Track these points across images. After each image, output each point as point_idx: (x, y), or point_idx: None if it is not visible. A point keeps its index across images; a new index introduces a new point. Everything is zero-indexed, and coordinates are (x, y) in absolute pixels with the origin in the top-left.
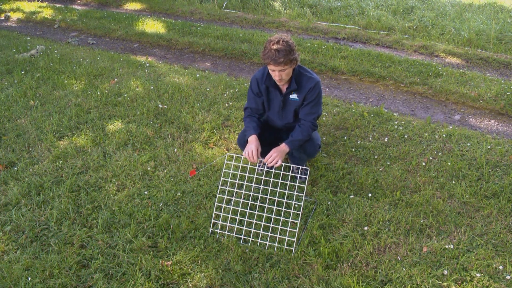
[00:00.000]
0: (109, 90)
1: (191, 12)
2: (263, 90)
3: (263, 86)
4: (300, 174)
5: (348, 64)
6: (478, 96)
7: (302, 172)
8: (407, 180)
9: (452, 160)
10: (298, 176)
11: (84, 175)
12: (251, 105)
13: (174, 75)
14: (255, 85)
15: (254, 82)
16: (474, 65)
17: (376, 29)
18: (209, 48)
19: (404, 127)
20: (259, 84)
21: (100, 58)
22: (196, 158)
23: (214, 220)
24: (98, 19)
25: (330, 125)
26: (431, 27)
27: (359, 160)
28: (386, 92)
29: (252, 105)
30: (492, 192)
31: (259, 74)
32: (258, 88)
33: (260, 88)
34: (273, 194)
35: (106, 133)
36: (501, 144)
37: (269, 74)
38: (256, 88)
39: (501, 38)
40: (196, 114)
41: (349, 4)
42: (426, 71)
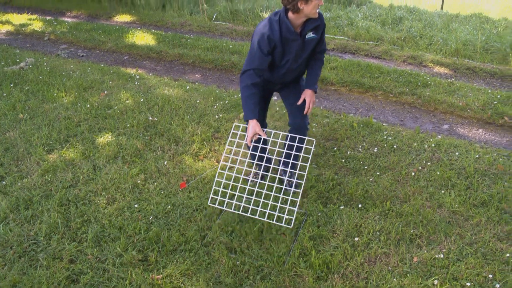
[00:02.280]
0: (99, 102)
1: (181, 24)
2: (278, 44)
3: (278, 40)
4: (291, 184)
5: (337, 75)
6: (466, 105)
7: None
8: (397, 190)
9: (441, 169)
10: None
11: (74, 189)
12: (256, 66)
13: (164, 87)
14: (266, 43)
15: (265, 41)
16: (462, 75)
17: (365, 39)
18: (199, 60)
19: (393, 137)
20: (271, 41)
21: (90, 71)
22: (186, 171)
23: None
24: (88, 31)
25: (320, 136)
26: (419, 37)
27: (349, 171)
28: (375, 102)
29: (256, 66)
30: (480, 201)
31: (267, 30)
32: (270, 45)
33: (275, 44)
34: (265, 206)
35: (96, 146)
36: (489, 153)
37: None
38: (268, 46)
39: (487, 48)
40: (186, 126)
41: (338, 15)
42: (415, 81)
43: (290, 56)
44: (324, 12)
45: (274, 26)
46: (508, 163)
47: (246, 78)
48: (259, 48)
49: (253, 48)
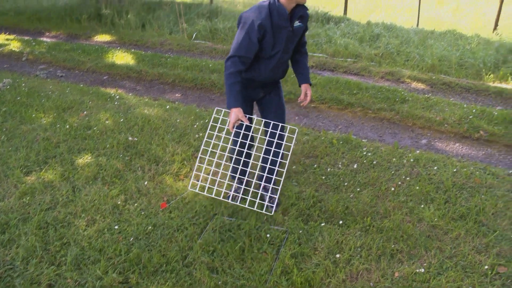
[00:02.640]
0: (78, 123)
1: (161, 43)
2: (269, 31)
3: (269, 27)
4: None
5: (316, 92)
6: (443, 120)
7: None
8: (377, 205)
9: (420, 184)
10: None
11: (53, 211)
12: (242, 54)
13: (144, 107)
14: (256, 30)
15: (255, 27)
16: (438, 90)
17: (344, 56)
18: (179, 79)
19: (372, 153)
20: (261, 28)
21: (69, 91)
22: (167, 191)
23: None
24: (67, 51)
25: (300, 153)
26: (396, 54)
27: (329, 188)
28: (354, 119)
29: (243, 54)
30: (459, 214)
31: (257, 15)
32: (260, 33)
33: (265, 31)
34: (245, 226)
35: (75, 167)
36: (466, 167)
37: (273, 10)
38: (257, 33)
39: (462, 64)
40: (167, 146)
41: (317, 33)
42: (393, 97)
43: (281, 47)
44: None
45: (264, 12)
46: (485, 176)
47: (231, 65)
48: (248, 34)
49: (240, 34)
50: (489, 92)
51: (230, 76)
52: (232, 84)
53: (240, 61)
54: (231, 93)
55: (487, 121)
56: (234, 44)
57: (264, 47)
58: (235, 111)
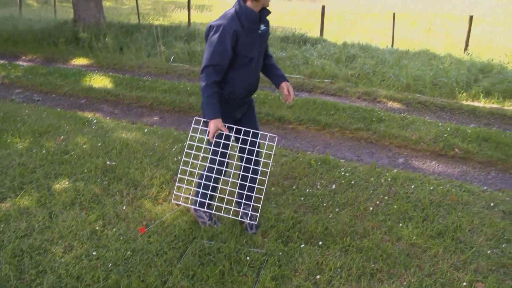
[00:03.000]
0: (55, 148)
1: (139, 66)
2: (241, 34)
3: (241, 31)
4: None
5: (294, 114)
6: (419, 139)
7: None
8: (356, 225)
9: (398, 203)
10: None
11: (28, 238)
12: (217, 62)
13: (122, 131)
14: (229, 35)
15: (228, 32)
16: (414, 109)
17: (321, 77)
18: (157, 102)
19: (350, 173)
20: (234, 33)
21: (46, 115)
22: (145, 215)
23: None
24: (44, 75)
25: (278, 175)
26: (372, 74)
27: (308, 209)
28: (332, 139)
29: (217, 62)
30: (437, 232)
31: (227, 22)
32: (232, 39)
33: (237, 37)
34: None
35: (52, 193)
36: (443, 185)
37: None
38: (231, 39)
39: (436, 83)
40: (145, 169)
41: (294, 54)
42: (370, 117)
43: (255, 51)
44: (279, 51)
45: (233, 18)
46: (461, 193)
47: (206, 77)
48: (220, 42)
49: (212, 43)
50: (463, 110)
51: (206, 88)
52: (209, 95)
53: (215, 71)
54: (209, 104)
55: (462, 139)
56: (207, 54)
57: (240, 52)
58: (214, 122)
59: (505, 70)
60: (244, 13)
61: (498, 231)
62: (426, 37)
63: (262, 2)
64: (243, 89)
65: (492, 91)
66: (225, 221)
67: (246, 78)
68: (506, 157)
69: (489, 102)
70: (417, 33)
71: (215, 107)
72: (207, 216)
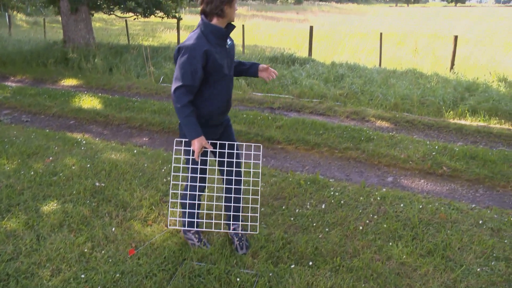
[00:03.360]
0: (43, 169)
1: (128, 87)
2: (211, 53)
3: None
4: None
5: (283, 134)
6: (407, 157)
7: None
8: (346, 245)
9: (387, 222)
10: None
11: (15, 262)
12: (189, 83)
13: (111, 152)
14: (199, 56)
15: (198, 53)
16: (402, 128)
17: (309, 97)
18: (146, 123)
19: (340, 193)
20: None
21: (35, 136)
22: (135, 237)
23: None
24: (33, 96)
25: (268, 195)
26: (360, 93)
27: (298, 229)
28: (321, 159)
29: (189, 83)
30: (427, 251)
31: (195, 42)
32: (203, 58)
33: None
34: (215, 270)
35: (40, 215)
36: (432, 203)
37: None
38: (201, 59)
39: (423, 102)
40: (134, 191)
41: (283, 74)
42: (358, 136)
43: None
44: None
45: (200, 37)
46: (449, 211)
47: (180, 98)
48: (191, 63)
49: (183, 64)
50: (450, 128)
51: (183, 108)
52: (187, 115)
53: (187, 91)
54: (189, 124)
55: (449, 157)
56: (178, 75)
57: (212, 70)
58: (198, 140)
59: (490, 88)
60: (210, 31)
61: (487, 249)
62: (413, 56)
63: (228, 18)
64: (220, 106)
65: (478, 109)
66: (215, 242)
67: (221, 95)
68: (493, 174)
69: (475, 120)
70: (404, 52)
71: (196, 126)
72: (196, 238)
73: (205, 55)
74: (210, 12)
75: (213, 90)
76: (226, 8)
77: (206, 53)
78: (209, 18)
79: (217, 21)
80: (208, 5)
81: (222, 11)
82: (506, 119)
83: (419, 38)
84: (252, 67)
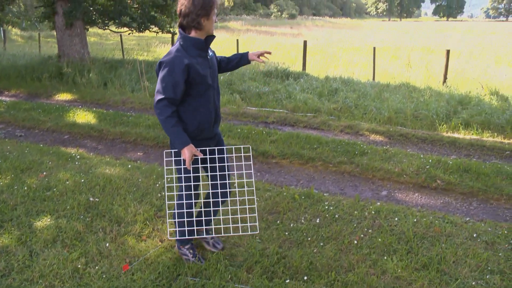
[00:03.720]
0: (37, 184)
1: (123, 102)
2: (192, 65)
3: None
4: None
5: (278, 148)
6: (401, 171)
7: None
8: (341, 259)
9: (382, 236)
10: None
11: (6, 279)
12: (171, 96)
13: (105, 167)
14: (180, 69)
15: (179, 66)
16: (396, 142)
17: (304, 111)
18: (140, 137)
19: (334, 207)
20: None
21: (28, 151)
22: (129, 252)
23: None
24: (27, 110)
25: (263, 210)
26: (354, 107)
27: (293, 243)
28: (315, 173)
29: (171, 96)
30: (421, 264)
31: (177, 55)
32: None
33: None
34: (209, 286)
35: (33, 231)
36: (426, 216)
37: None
38: (183, 72)
39: (417, 116)
40: (129, 206)
41: (277, 89)
42: (353, 150)
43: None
44: (263, 86)
45: (179, 51)
46: (444, 225)
47: (163, 110)
48: (172, 76)
49: (164, 77)
50: (443, 142)
51: (168, 120)
52: (173, 126)
53: (169, 103)
54: (176, 134)
55: (443, 170)
56: (160, 88)
57: (195, 82)
58: (188, 148)
59: (482, 102)
60: (190, 43)
61: (482, 262)
62: (406, 70)
63: (206, 30)
64: (209, 117)
65: (471, 123)
66: (210, 257)
67: (208, 105)
68: (486, 187)
69: (468, 133)
70: (397, 66)
71: (183, 135)
72: (191, 253)
73: (186, 68)
74: (187, 25)
75: (199, 101)
76: (203, 21)
77: (188, 66)
78: (188, 31)
79: (195, 33)
80: (185, 19)
81: (199, 23)
82: (498, 132)
83: (412, 52)
84: (243, 57)
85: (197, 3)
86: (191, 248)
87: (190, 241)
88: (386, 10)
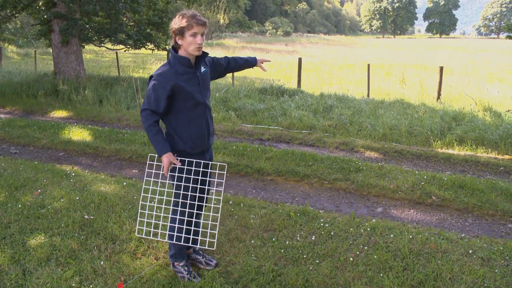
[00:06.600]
0: (31, 202)
1: (118, 119)
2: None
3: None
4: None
5: (273, 165)
6: (396, 187)
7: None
8: (337, 277)
9: (378, 253)
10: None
11: None
12: (153, 108)
13: (100, 184)
14: (165, 82)
15: (164, 79)
16: (391, 158)
17: (299, 128)
18: (136, 155)
19: (330, 224)
20: (170, 78)
21: (23, 169)
22: (124, 270)
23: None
24: (22, 127)
25: (258, 227)
26: (349, 124)
27: (289, 261)
28: (311, 190)
29: (153, 108)
30: (418, 281)
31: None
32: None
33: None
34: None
35: (27, 249)
36: (421, 233)
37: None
38: (165, 90)
39: (411, 132)
40: (124, 223)
41: (272, 106)
42: (348, 167)
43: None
44: (258, 103)
45: (167, 69)
46: (439, 241)
47: (147, 118)
48: (156, 91)
49: (150, 91)
50: (438, 158)
51: (150, 127)
52: (155, 134)
53: (152, 113)
54: (157, 141)
55: (438, 187)
56: (146, 99)
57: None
58: (166, 156)
59: (476, 118)
60: (177, 61)
61: (478, 279)
62: (400, 87)
63: (185, 48)
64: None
65: (465, 139)
66: (205, 275)
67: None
68: (481, 203)
69: (462, 149)
70: (392, 83)
71: (163, 142)
72: (186, 270)
73: (170, 87)
74: (175, 45)
75: (189, 115)
76: (178, 40)
77: (172, 86)
78: (176, 50)
79: (182, 52)
80: (171, 38)
81: (177, 43)
82: (492, 148)
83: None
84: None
85: (173, 23)
86: (185, 266)
87: (185, 258)
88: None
